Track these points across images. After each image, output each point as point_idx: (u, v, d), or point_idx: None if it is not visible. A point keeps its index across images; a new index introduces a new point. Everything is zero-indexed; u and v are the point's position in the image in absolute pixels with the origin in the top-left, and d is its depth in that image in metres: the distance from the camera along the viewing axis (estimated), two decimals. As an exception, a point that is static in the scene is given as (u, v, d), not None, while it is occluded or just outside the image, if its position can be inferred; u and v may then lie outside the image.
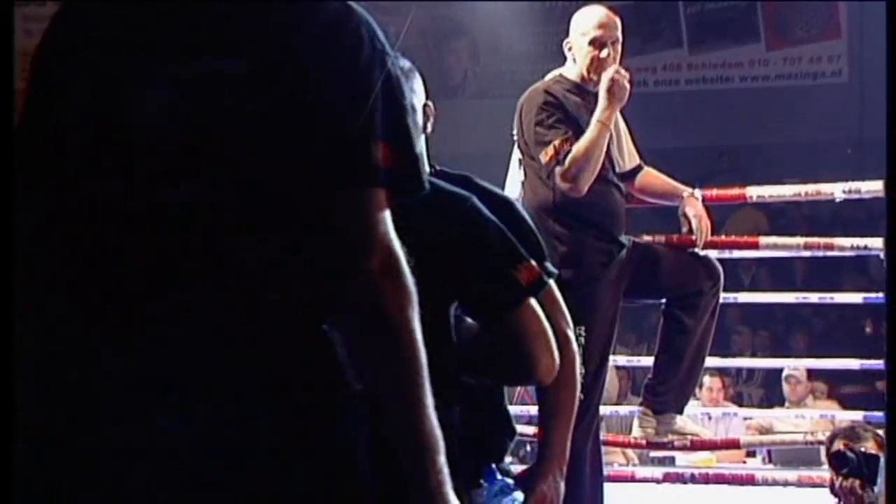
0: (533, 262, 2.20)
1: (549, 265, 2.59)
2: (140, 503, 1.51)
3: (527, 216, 2.63)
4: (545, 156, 4.15)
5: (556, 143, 4.14)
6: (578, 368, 2.59)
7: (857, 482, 3.40)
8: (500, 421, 2.57)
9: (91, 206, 1.54)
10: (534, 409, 5.59)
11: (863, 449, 3.46)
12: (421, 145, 1.61)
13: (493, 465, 2.46)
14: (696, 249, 4.49)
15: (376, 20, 1.59)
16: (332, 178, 1.52)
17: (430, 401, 1.53)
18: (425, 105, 2.59)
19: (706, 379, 6.81)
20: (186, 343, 1.51)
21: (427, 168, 1.69)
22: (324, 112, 1.52)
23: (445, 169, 2.66)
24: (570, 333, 2.59)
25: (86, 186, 1.55)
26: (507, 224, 2.53)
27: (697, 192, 4.53)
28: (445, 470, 1.53)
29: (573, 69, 4.33)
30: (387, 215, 1.55)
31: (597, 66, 4.26)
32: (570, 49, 4.33)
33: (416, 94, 2.57)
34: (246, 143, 1.51)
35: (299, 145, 1.52)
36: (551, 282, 2.59)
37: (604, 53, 4.26)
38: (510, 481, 2.45)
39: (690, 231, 4.47)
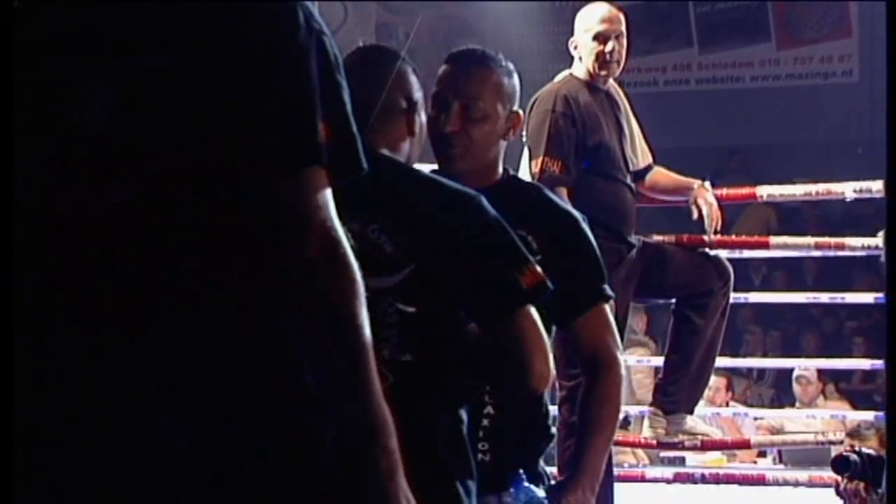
0: (537, 268, 2.14)
1: (606, 288, 2.57)
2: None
3: (590, 235, 2.58)
4: (534, 166, 4.17)
5: (542, 159, 4.15)
6: (623, 389, 2.58)
7: (862, 485, 3.38)
8: (537, 422, 2.54)
9: (40, 209, 1.55)
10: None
11: (866, 450, 3.43)
12: (353, 125, 1.59)
13: (522, 473, 2.43)
14: (707, 237, 4.50)
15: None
16: (275, 160, 1.52)
17: (377, 387, 1.52)
18: (515, 112, 2.56)
19: (711, 379, 6.80)
20: (142, 342, 1.51)
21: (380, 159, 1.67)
22: (264, 97, 1.52)
23: (518, 175, 2.62)
24: (619, 356, 2.59)
25: (34, 191, 1.55)
26: (564, 240, 2.50)
27: (707, 184, 4.54)
28: (397, 456, 1.53)
29: (581, 67, 4.34)
30: (329, 199, 1.53)
31: (602, 60, 4.27)
32: (575, 47, 4.34)
33: (513, 99, 2.55)
34: (189, 135, 1.51)
35: (243, 131, 1.51)
36: (606, 306, 2.56)
37: (609, 47, 4.28)
38: (540, 493, 2.42)
39: (701, 219, 4.47)
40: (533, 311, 2.12)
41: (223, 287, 1.52)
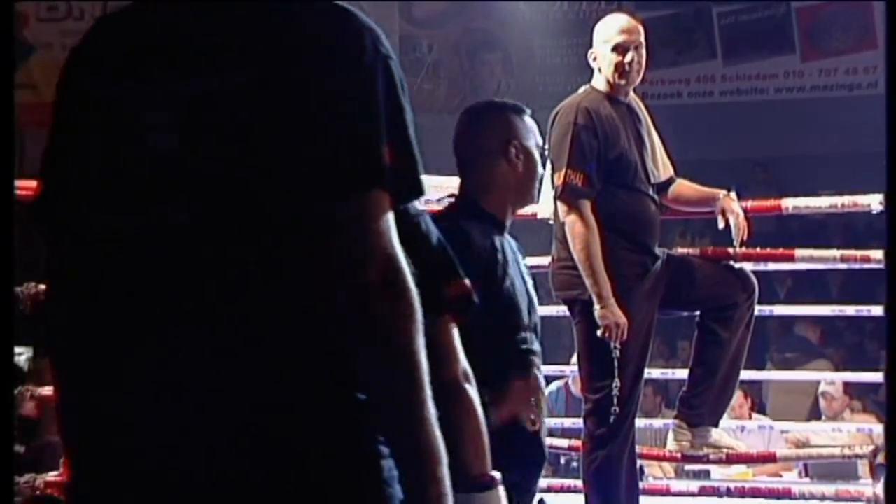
0: (466, 281, 2.07)
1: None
2: None
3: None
4: (557, 178, 4.17)
5: (565, 171, 4.15)
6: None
7: None
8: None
9: (110, 231, 1.57)
10: (567, 422, 5.58)
11: None
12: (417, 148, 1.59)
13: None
14: (734, 248, 4.48)
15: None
16: (340, 183, 1.52)
17: (430, 414, 1.52)
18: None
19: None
20: (196, 356, 1.53)
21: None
22: (330, 119, 1.53)
23: None
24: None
25: (104, 214, 1.57)
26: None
27: (733, 193, 4.52)
28: (446, 483, 1.53)
29: (601, 79, 4.33)
30: (391, 223, 1.54)
31: (622, 71, 4.27)
32: (594, 59, 4.33)
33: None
34: (252, 157, 1.52)
35: (307, 153, 1.52)
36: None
37: (628, 58, 4.27)
38: None
39: (728, 228, 4.45)
40: (452, 323, 2.01)
41: (282, 308, 1.53)
